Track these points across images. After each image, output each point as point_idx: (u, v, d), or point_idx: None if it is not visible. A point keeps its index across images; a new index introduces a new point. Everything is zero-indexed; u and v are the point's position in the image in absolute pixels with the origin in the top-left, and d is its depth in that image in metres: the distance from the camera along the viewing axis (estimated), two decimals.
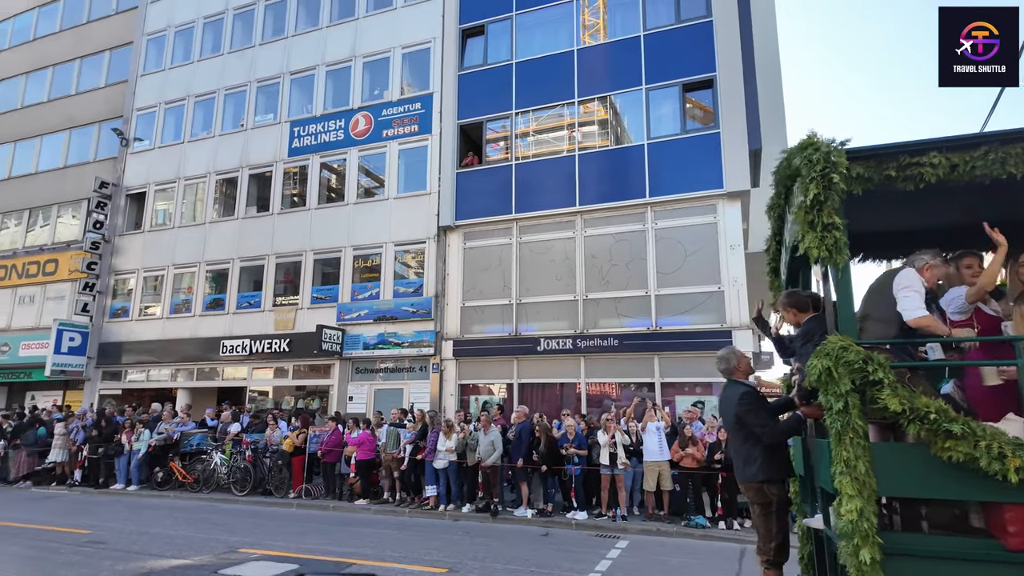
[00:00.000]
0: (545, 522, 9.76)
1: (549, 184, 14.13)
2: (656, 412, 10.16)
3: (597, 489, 10.14)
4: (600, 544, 8.45)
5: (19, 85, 22.47)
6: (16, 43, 23.04)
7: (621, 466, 9.81)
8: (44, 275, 19.60)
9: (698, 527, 9.12)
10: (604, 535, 9.04)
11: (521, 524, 9.81)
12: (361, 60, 16.96)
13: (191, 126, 18.95)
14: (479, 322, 14.25)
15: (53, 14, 22.65)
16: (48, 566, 6.82)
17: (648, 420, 9.89)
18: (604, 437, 9.98)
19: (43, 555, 7.39)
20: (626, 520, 9.61)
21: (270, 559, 7.22)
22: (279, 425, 12.99)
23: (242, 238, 17.25)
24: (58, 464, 14.09)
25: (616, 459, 9.83)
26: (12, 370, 19.58)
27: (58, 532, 8.79)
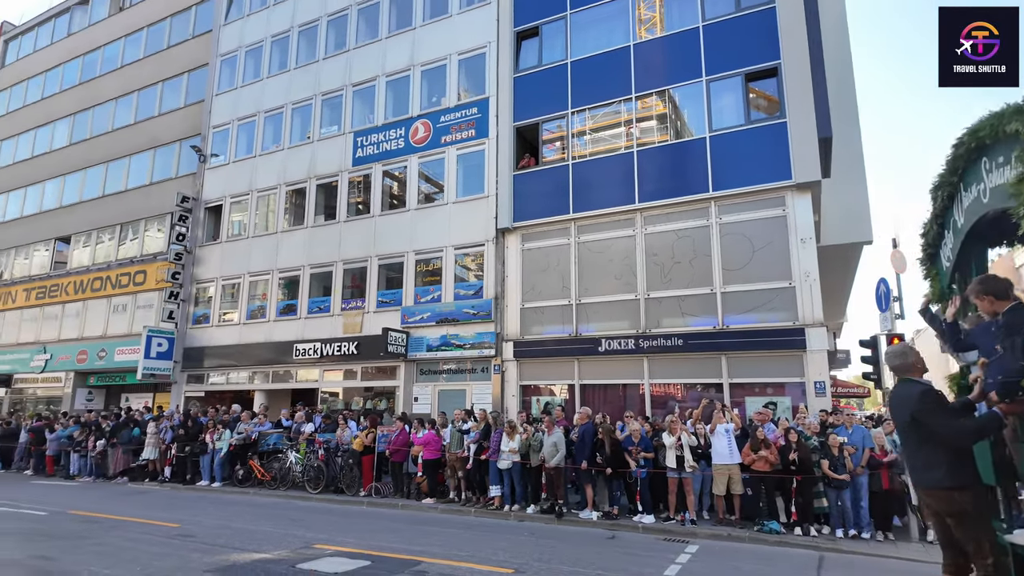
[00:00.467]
0: (611, 525, 9.64)
1: (607, 182, 13.98)
2: (725, 414, 9.84)
3: (663, 492, 9.93)
4: (668, 548, 8.27)
5: (110, 109, 24.29)
6: (106, 71, 24.91)
7: (689, 469, 9.57)
8: (134, 285, 21.08)
9: (772, 533, 8.77)
10: (672, 539, 8.83)
11: (586, 526, 9.73)
12: (419, 69, 17.34)
13: (262, 140, 19.92)
14: (539, 323, 14.25)
15: (138, 42, 24.36)
16: (144, 557, 7.32)
17: (717, 422, 9.59)
18: (670, 439, 9.77)
19: (139, 546, 7.93)
20: (695, 524, 9.36)
21: (343, 555, 7.47)
22: (349, 425, 13.44)
23: (311, 246, 17.98)
24: (150, 461, 15.11)
25: (683, 462, 9.59)
26: (109, 374, 21.17)
27: (152, 525, 9.42)
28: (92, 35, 25.91)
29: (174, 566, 6.84)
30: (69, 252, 23.71)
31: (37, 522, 9.64)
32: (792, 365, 11.53)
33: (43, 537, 8.41)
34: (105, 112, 24.40)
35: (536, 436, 10.80)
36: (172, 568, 6.73)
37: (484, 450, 11.20)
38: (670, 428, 9.88)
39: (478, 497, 11.35)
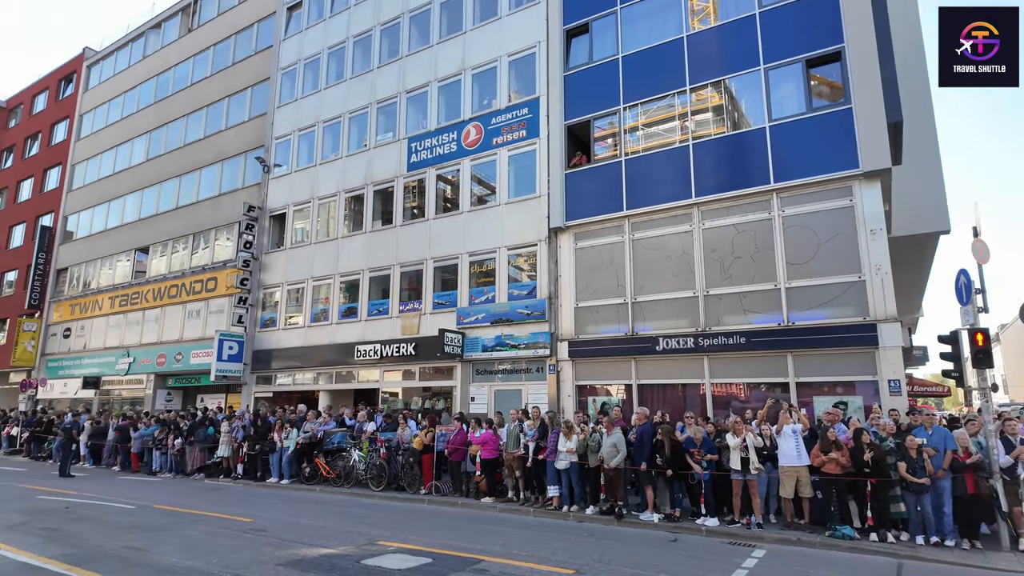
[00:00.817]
0: (673, 527, 9.45)
1: (661, 177, 13.72)
2: (792, 414, 9.48)
3: (727, 495, 9.65)
4: (734, 552, 8.03)
5: (181, 126, 25.73)
6: (178, 89, 26.41)
7: (754, 471, 9.26)
8: (207, 291, 22.25)
9: (845, 538, 8.37)
10: (738, 543, 8.58)
11: (647, 528, 9.57)
12: (470, 72, 17.53)
13: (321, 149, 20.63)
14: (593, 322, 14.14)
15: (205, 60, 25.70)
16: (221, 549, 7.72)
17: (783, 422, 9.24)
18: (734, 440, 9.48)
19: (216, 539, 8.37)
20: (762, 528, 9.05)
21: (406, 552, 7.64)
22: (409, 424, 13.73)
23: (370, 250, 18.48)
24: (224, 459, 15.91)
25: (748, 464, 9.30)
26: (185, 376, 22.42)
27: (227, 519, 9.92)
28: (165, 56, 27.51)
29: (249, 559, 7.17)
30: (148, 262, 25.26)
31: (126, 515, 10.32)
32: (863, 363, 10.98)
33: (133, 529, 9.00)
34: (177, 128, 25.86)
35: (594, 437, 10.71)
36: (247, 561, 7.07)
37: (542, 450, 11.21)
38: (734, 429, 9.60)
39: (537, 497, 11.36)
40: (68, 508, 10.88)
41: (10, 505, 11.20)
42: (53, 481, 15.07)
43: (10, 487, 13.87)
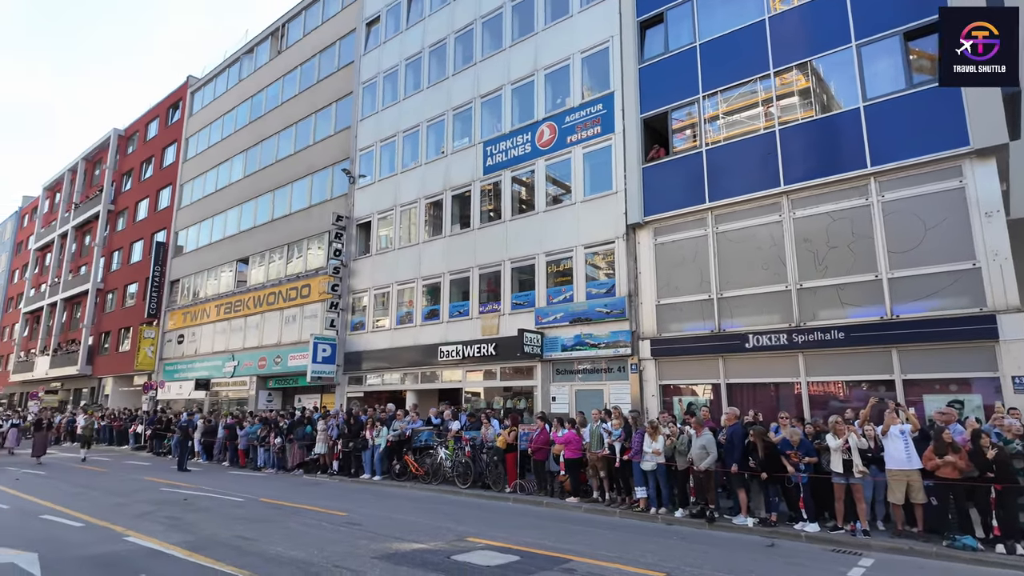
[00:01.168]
0: (769, 532, 9.03)
1: (746, 167, 13.14)
2: (899, 414, 8.80)
3: (828, 499, 9.09)
4: (837, 560, 7.57)
5: (274, 143, 27.45)
6: (270, 108, 28.20)
7: (858, 474, 8.67)
8: (301, 298, 23.59)
9: (966, 549, 7.66)
10: (842, 550, 8.07)
11: (740, 533, 9.20)
12: (543, 72, 17.56)
13: (402, 158, 21.36)
14: (677, 320, 13.75)
15: (294, 80, 27.29)
16: (321, 541, 8.17)
17: (890, 423, 8.60)
18: (835, 442, 8.92)
19: (314, 531, 8.86)
20: (868, 535, 8.46)
21: (494, 549, 7.76)
22: (492, 423, 13.94)
23: (449, 254, 18.92)
24: (321, 456, 16.80)
25: (851, 467, 8.72)
26: (284, 377, 23.89)
27: (324, 513, 10.47)
28: (258, 79, 29.47)
29: (346, 551, 7.54)
30: (248, 271, 27.13)
31: (236, 507, 11.13)
32: (981, 358, 10.01)
33: (242, 520, 9.70)
34: (271, 145, 27.61)
35: (682, 438, 10.42)
36: (344, 553, 7.44)
37: (627, 450, 11.04)
38: (835, 430, 9.03)
39: (623, 498, 11.20)
40: (186, 500, 11.89)
41: (138, 496, 12.38)
42: (172, 475, 16.51)
43: (138, 480, 15.32)
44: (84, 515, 10.02)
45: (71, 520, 9.63)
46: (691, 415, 11.35)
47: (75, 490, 13.22)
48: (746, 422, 10.36)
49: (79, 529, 8.99)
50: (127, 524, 9.25)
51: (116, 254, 36.33)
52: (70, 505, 11.03)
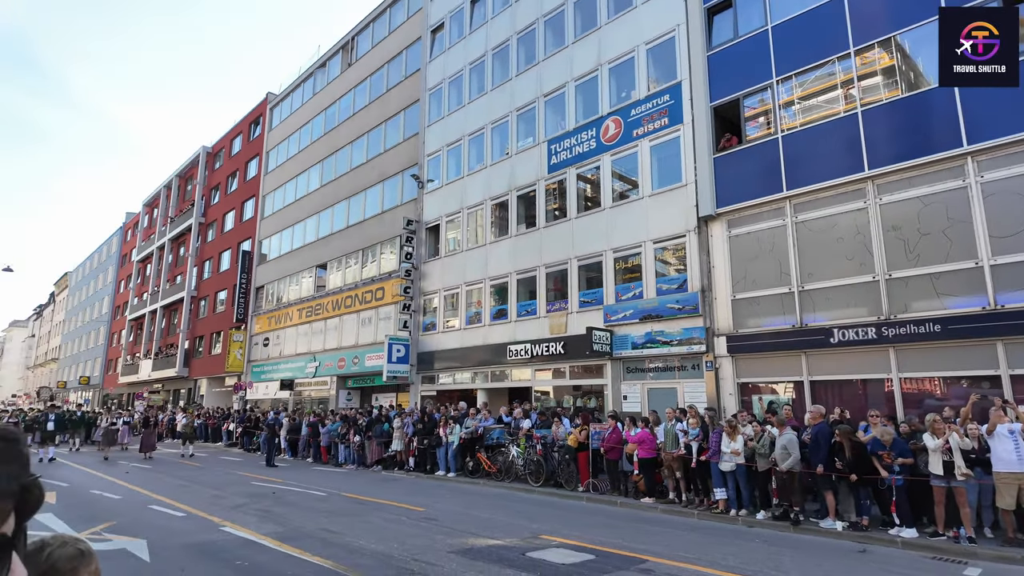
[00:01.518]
0: (860, 537, 8.52)
1: (825, 152, 12.46)
2: (1008, 411, 8.08)
3: (926, 503, 8.48)
4: (939, 569, 7.05)
5: (347, 153, 28.57)
6: (343, 119, 29.37)
7: (960, 477, 8.03)
8: (376, 300, 24.42)
9: None
10: (943, 559, 7.50)
11: (828, 537, 8.74)
12: (606, 67, 17.35)
13: (468, 161, 21.69)
14: (755, 315, 13.22)
15: (364, 90, 28.30)
16: (400, 535, 8.43)
17: (996, 421, 7.91)
18: (933, 442, 8.31)
19: (394, 526, 9.15)
20: (974, 543, 7.81)
21: (568, 547, 7.74)
22: (563, 422, 13.91)
23: (515, 254, 19.04)
24: (398, 452, 17.33)
25: (952, 468, 8.09)
26: (361, 377, 24.81)
27: (403, 508, 10.80)
28: (331, 91, 30.76)
29: (424, 545, 7.75)
30: (326, 276, 28.36)
31: (320, 501, 11.67)
32: None
33: (326, 514, 10.16)
34: (344, 155, 28.74)
35: (763, 438, 10.01)
36: (423, 547, 7.64)
37: (704, 450, 10.73)
38: (933, 429, 8.41)
39: (701, 499, 10.89)
40: (275, 493, 12.58)
41: (233, 489, 13.21)
42: (261, 470, 17.51)
43: (232, 474, 16.35)
44: (186, 506, 10.81)
45: (174, 510, 10.41)
46: (772, 414, 10.88)
47: (178, 483, 14.27)
48: (832, 421, 9.82)
49: (181, 519, 9.71)
50: (223, 515, 9.90)
51: (207, 263, 38.91)
52: (173, 496, 11.93)
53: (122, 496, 12.19)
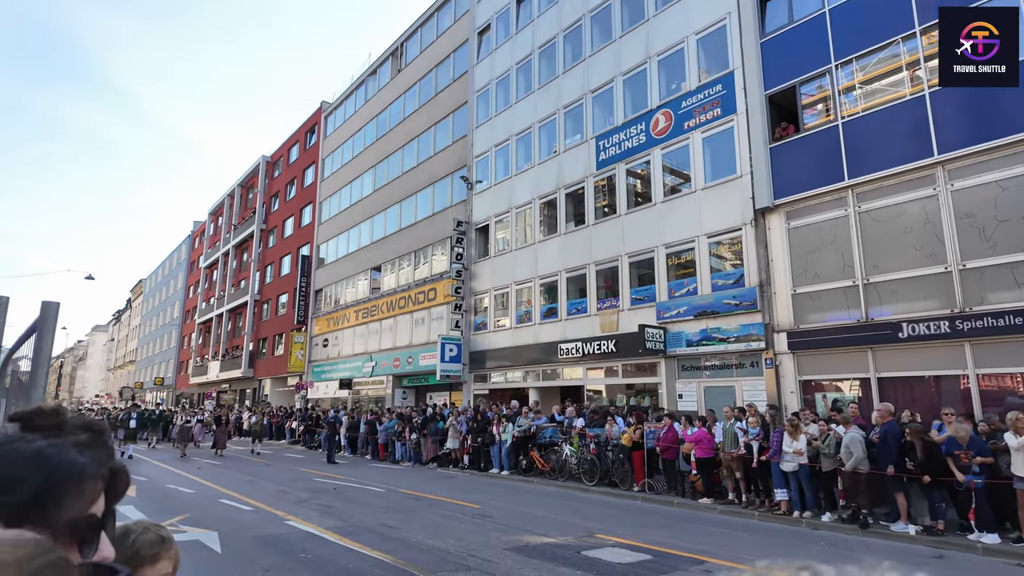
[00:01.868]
0: (936, 542, 8.08)
1: (890, 138, 11.85)
2: None
3: (1007, 507, 7.95)
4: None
5: (399, 157, 29.17)
6: (393, 125, 30.01)
7: None
8: (428, 301, 24.85)
9: None
10: None
11: (900, 541, 8.32)
12: (655, 60, 17.05)
13: (516, 161, 21.76)
14: (817, 310, 12.71)
15: (413, 95, 28.82)
16: (457, 531, 8.56)
17: None
18: (1016, 441, 7.78)
19: (451, 522, 9.30)
20: None
21: (624, 547, 7.67)
22: (616, 421, 13.77)
23: (565, 252, 18.97)
24: (452, 450, 17.58)
25: None
26: (416, 376, 25.29)
27: (458, 505, 10.95)
28: (381, 98, 31.48)
29: (480, 542, 7.84)
30: (381, 279, 29.06)
31: (379, 497, 11.98)
32: None
33: (385, 510, 10.43)
34: (396, 160, 29.37)
35: (827, 437, 9.63)
36: (479, 544, 7.73)
37: (764, 450, 10.41)
38: (1015, 427, 7.88)
39: (762, 500, 10.57)
40: (335, 489, 12.99)
41: (296, 485, 13.73)
42: (323, 466, 18.11)
43: (295, 471, 16.99)
44: (253, 500, 11.31)
45: (243, 504, 10.91)
46: (837, 412, 10.45)
47: (245, 479, 14.94)
48: (902, 420, 9.35)
49: (249, 512, 10.17)
50: (288, 510, 10.31)
51: (269, 268, 40.54)
52: (242, 492, 12.50)
53: (195, 491, 12.87)
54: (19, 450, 0.74)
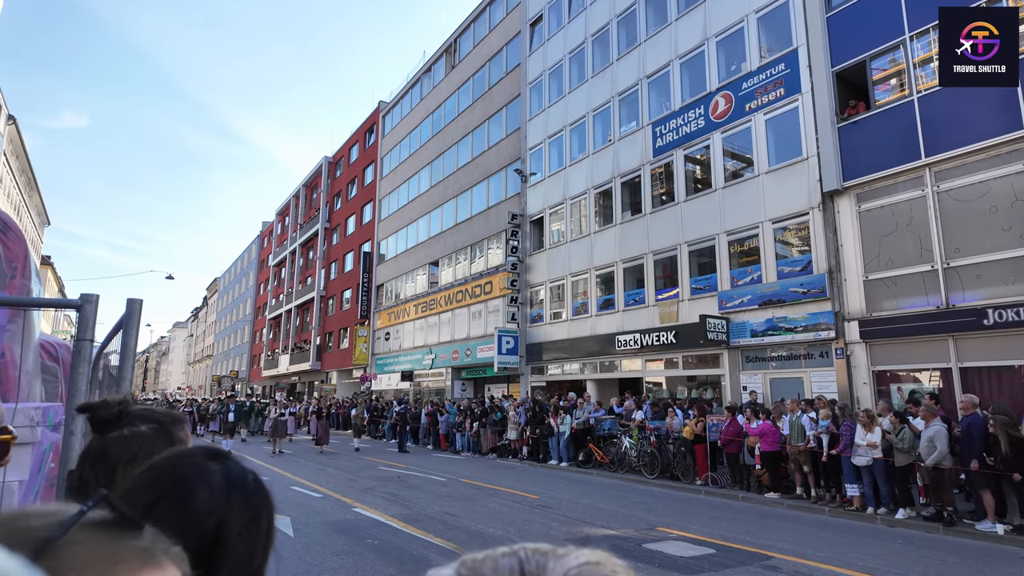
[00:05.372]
0: None
1: (971, 112, 11.02)
2: None
3: None
4: None
5: (454, 153, 29.53)
6: (448, 121, 30.37)
7: None
8: (484, 294, 25.10)
9: None
10: None
11: (985, 541, 7.81)
12: (713, 41, 16.50)
13: (570, 151, 21.60)
14: (891, 296, 12.03)
15: (468, 91, 29.06)
16: (517, 521, 8.66)
17: None
18: None
19: (511, 512, 9.41)
20: None
21: (687, 540, 7.55)
22: (677, 413, 13.52)
23: (621, 242, 18.71)
24: (511, 441, 17.74)
25: None
26: (474, 368, 25.65)
27: (518, 495, 11.06)
28: (437, 94, 31.91)
29: (541, 532, 7.91)
30: (439, 273, 29.58)
31: (441, 486, 12.25)
32: None
33: (447, 498, 10.66)
34: (451, 155, 29.74)
35: (901, 431, 9.13)
36: (539, 534, 7.80)
37: (835, 443, 9.98)
38: None
39: (833, 495, 10.15)
40: (400, 477, 13.38)
41: (363, 473, 14.23)
42: (388, 455, 18.68)
43: (361, 459, 17.60)
44: (323, 488, 11.81)
45: (313, 492, 11.41)
46: (914, 404, 9.89)
47: (316, 467, 15.61)
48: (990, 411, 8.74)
49: (319, 499, 10.62)
50: (355, 497, 10.71)
51: (333, 265, 42.00)
52: (313, 479, 13.07)
53: (269, 478, 13.54)
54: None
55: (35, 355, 2.69)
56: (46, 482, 2.39)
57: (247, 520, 0.75)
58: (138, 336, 1.77)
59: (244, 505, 0.76)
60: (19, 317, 2.16)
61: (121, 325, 1.79)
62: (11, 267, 2.33)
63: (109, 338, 2.22)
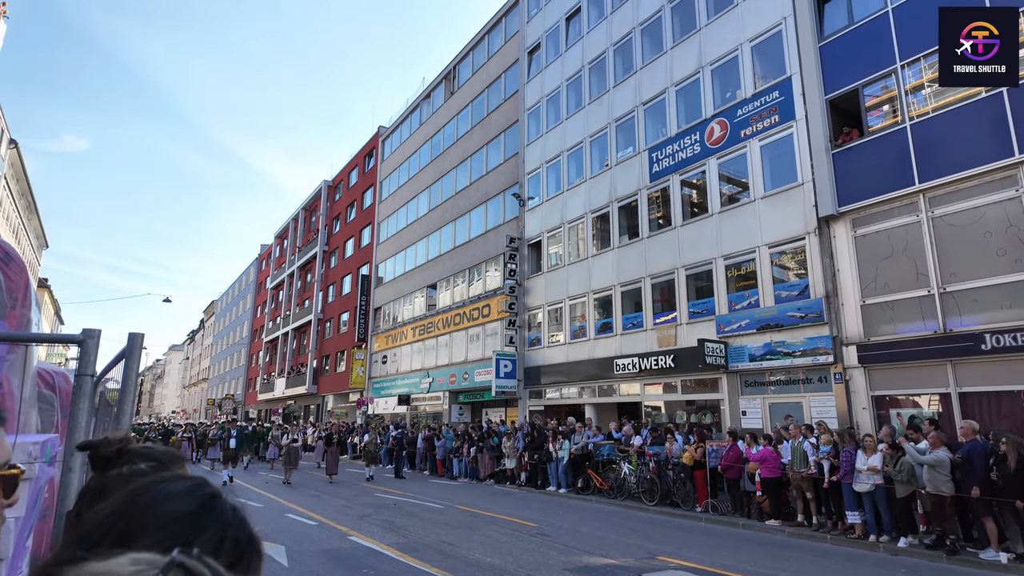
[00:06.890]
0: None
1: (964, 138, 11.19)
2: None
3: None
4: None
5: (452, 177, 29.76)
6: (447, 146, 30.68)
7: None
8: (482, 317, 25.07)
9: None
10: None
11: (989, 570, 7.71)
12: (708, 69, 16.79)
13: (567, 176, 21.79)
14: (888, 321, 12.05)
15: (466, 116, 29.41)
16: (515, 550, 8.53)
17: None
18: None
19: (509, 540, 9.27)
20: None
21: (688, 570, 7.44)
22: (676, 439, 13.42)
23: (619, 265, 18.78)
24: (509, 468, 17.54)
25: None
26: (471, 392, 25.48)
27: (516, 523, 10.91)
28: (436, 120, 32.29)
29: (538, 561, 7.78)
30: (436, 296, 29.57)
31: (438, 513, 12.09)
32: None
33: (444, 526, 10.51)
34: (449, 180, 29.98)
35: (903, 461, 9.07)
36: (537, 563, 7.67)
37: (836, 470, 9.90)
38: None
39: (834, 522, 10.04)
40: (396, 504, 13.20)
41: (359, 500, 14.04)
42: (383, 482, 18.44)
43: (357, 485, 17.37)
44: (318, 515, 11.64)
45: (308, 519, 11.24)
46: (915, 430, 9.84)
47: (311, 493, 15.39)
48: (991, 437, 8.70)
49: (314, 527, 10.46)
50: (350, 525, 10.55)
51: (331, 288, 41.98)
52: (307, 506, 12.89)
53: (263, 504, 13.36)
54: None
55: (32, 384, 2.68)
56: (39, 513, 2.36)
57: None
58: (139, 369, 1.77)
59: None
60: (19, 347, 2.16)
61: (122, 357, 1.79)
62: (12, 297, 2.34)
63: (108, 368, 2.21)
